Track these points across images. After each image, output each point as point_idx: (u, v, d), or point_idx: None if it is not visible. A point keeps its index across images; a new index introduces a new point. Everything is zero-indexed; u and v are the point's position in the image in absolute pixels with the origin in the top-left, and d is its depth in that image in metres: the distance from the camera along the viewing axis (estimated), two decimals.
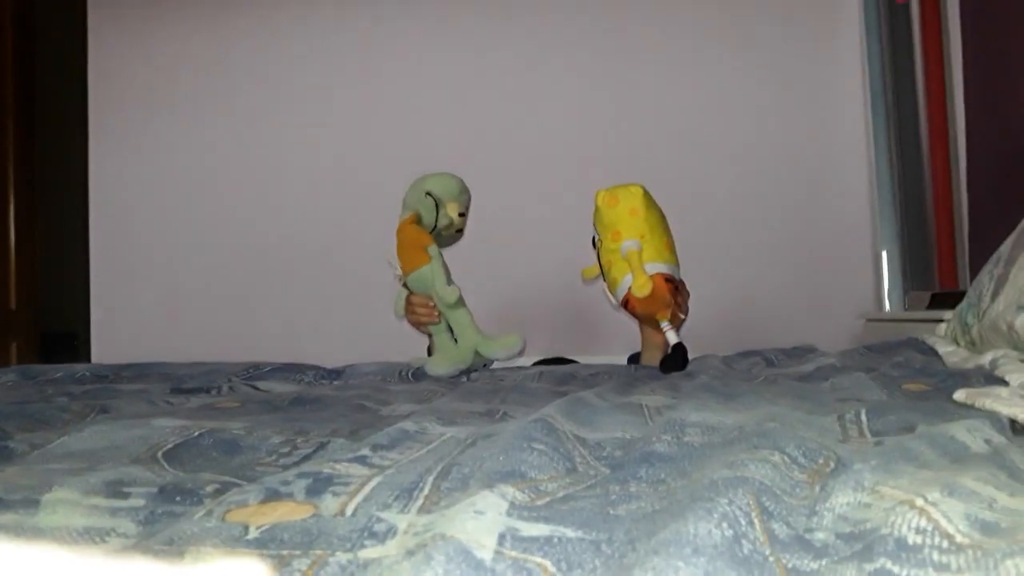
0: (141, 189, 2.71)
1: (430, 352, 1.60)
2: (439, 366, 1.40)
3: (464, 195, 1.56)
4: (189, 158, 2.70)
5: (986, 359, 1.09)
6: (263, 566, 0.37)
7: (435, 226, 1.51)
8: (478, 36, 2.66)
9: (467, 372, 1.44)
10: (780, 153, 2.58)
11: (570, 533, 0.42)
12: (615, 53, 2.62)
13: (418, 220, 1.49)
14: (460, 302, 1.45)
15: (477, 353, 1.43)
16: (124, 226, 2.71)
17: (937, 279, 2.38)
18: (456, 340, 1.46)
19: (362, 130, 2.66)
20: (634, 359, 1.77)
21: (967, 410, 0.76)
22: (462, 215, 1.53)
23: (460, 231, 1.57)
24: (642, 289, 1.35)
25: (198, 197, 2.70)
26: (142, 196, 2.71)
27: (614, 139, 2.59)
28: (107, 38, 2.73)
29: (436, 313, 1.47)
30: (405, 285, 1.50)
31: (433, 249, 1.46)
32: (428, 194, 1.50)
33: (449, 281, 1.46)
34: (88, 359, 2.64)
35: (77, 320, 2.89)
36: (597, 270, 1.49)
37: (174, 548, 0.41)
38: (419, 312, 1.49)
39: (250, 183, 2.68)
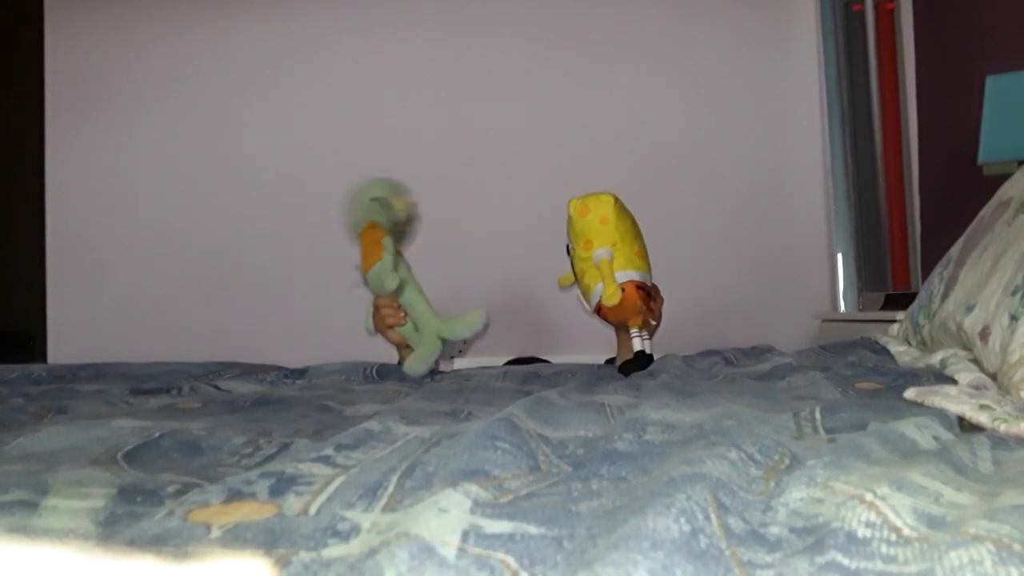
0: (97, 187, 2.66)
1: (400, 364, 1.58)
2: (416, 365, 1.38)
3: (403, 187, 1.53)
4: (146, 156, 2.66)
5: (936, 358, 1.12)
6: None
7: (393, 225, 1.49)
8: (440, 51, 2.66)
9: (440, 360, 1.42)
10: (738, 158, 2.62)
11: (533, 530, 0.43)
12: (579, 61, 2.64)
13: (375, 226, 1.47)
14: (405, 289, 1.42)
15: (443, 339, 1.40)
16: (80, 225, 2.66)
17: (890, 281, 2.44)
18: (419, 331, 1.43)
19: (322, 130, 2.65)
20: (611, 362, 1.78)
21: (917, 408, 0.78)
22: (413, 203, 1.51)
23: (412, 220, 1.54)
24: (612, 298, 1.37)
25: (155, 195, 2.66)
26: (98, 195, 2.66)
27: (579, 144, 2.61)
28: (64, 34, 2.68)
29: (402, 314, 1.45)
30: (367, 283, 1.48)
31: (386, 240, 1.43)
32: (373, 200, 1.46)
33: (395, 268, 1.42)
34: (44, 360, 2.59)
35: (32, 320, 2.82)
36: (572, 277, 1.51)
37: (135, 548, 0.41)
38: (385, 314, 1.46)
39: (208, 181, 2.65)
